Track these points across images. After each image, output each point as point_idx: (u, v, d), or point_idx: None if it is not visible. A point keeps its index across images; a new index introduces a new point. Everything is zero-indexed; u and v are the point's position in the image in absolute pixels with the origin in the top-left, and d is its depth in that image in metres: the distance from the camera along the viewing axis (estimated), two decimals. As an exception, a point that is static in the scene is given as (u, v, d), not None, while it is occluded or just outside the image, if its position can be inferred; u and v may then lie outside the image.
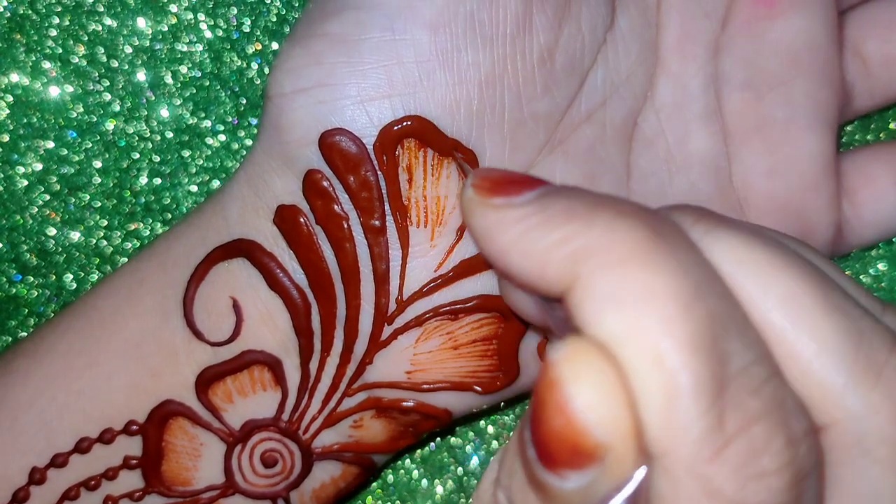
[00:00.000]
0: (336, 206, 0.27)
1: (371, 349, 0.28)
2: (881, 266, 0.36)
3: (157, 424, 0.29)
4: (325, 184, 0.27)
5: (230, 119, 0.36)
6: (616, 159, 0.30)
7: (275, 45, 0.36)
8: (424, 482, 0.37)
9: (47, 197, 0.36)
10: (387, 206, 0.27)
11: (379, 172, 0.27)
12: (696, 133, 0.31)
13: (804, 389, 0.18)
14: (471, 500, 0.36)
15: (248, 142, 0.37)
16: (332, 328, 0.28)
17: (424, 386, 0.29)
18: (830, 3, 0.31)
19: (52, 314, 0.37)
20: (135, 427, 0.29)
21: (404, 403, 0.29)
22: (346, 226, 0.27)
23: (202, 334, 0.29)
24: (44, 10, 0.36)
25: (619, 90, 0.30)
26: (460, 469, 0.37)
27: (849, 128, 0.36)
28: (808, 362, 0.18)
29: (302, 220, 0.28)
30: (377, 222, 0.27)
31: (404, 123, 0.26)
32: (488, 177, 0.21)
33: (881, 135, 0.36)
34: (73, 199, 0.36)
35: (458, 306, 0.28)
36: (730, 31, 0.31)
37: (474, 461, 0.37)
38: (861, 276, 0.36)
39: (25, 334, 0.37)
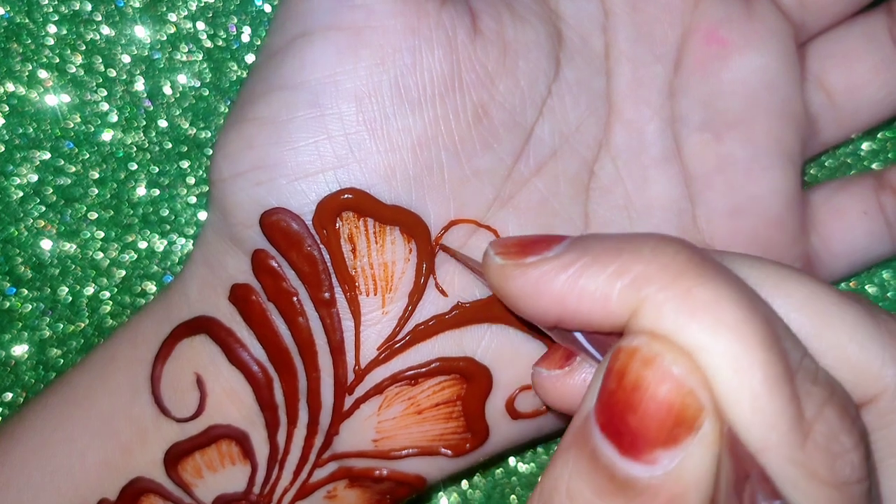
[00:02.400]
0: (284, 283, 0.28)
1: (335, 420, 0.28)
2: (885, 275, 0.36)
3: (129, 502, 0.29)
4: (272, 262, 0.28)
5: (230, 129, 0.36)
6: (572, 210, 0.30)
7: (275, 55, 0.36)
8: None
9: (43, 208, 0.36)
10: (334, 278, 0.27)
11: (321, 246, 0.27)
12: (655, 178, 0.31)
13: (842, 374, 0.20)
14: None
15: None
16: (296, 401, 0.29)
17: (392, 453, 0.29)
18: (788, 37, 0.31)
19: (47, 328, 0.36)
20: None
21: (376, 472, 0.29)
22: (296, 301, 0.28)
23: (169, 411, 0.29)
24: (41, 19, 0.35)
25: (569, 141, 0.30)
26: (465, 483, 0.37)
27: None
28: (843, 349, 0.20)
29: (254, 297, 0.28)
30: (326, 295, 0.27)
31: (342, 196, 0.27)
32: (510, 242, 0.22)
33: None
34: (69, 211, 0.36)
35: (416, 371, 0.28)
36: (683, 74, 0.31)
37: (476, 475, 0.37)
38: (866, 286, 0.36)
39: (18, 348, 0.36)
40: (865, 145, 0.36)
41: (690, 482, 0.18)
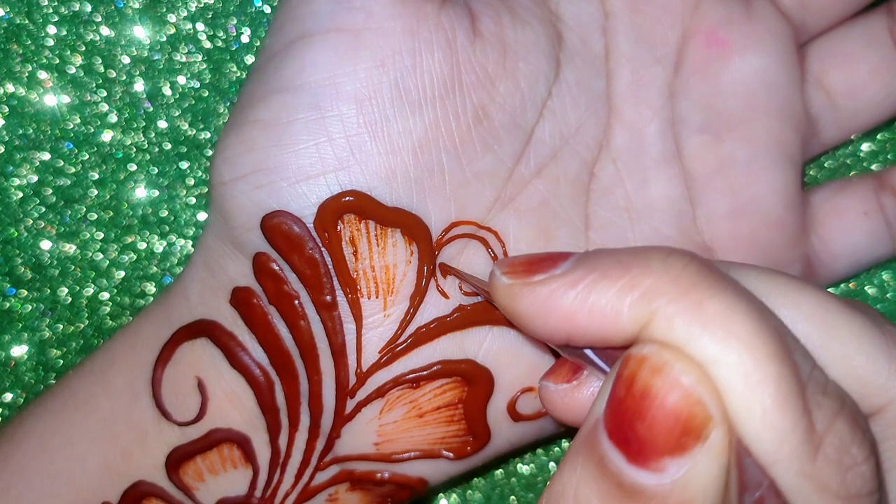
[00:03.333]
0: (286, 286, 0.28)
1: (337, 423, 0.28)
2: (885, 276, 0.36)
3: None
4: (274, 265, 0.27)
5: (229, 130, 0.36)
6: (572, 211, 0.30)
7: (275, 56, 0.36)
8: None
9: (42, 209, 0.36)
10: (336, 281, 0.27)
11: (322, 249, 0.27)
12: (655, 179, 0.31)
13: (849, 385, 0.20)
14: None
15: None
16: (298, 404, 0.29)
17: (394, 456, 0.29)
18: (788, 38, 0.31)
19: (46, 329, 0.36)
20: None
21: (378, 475, 0.29)
22: (297, 304, 0.28)
23: (170, 414, 0.29)
24: (41, 20, 0.35)
25: (569, 142, 0.30)
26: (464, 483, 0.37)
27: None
28: (850, 359, 0.20)
29: (255, 301, 0.28)
30: (328, 298, 0.27)
31: (343, 199, 0.27)
32: (517, 262, 0.22)
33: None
34: (69, 212, 0.36)
35: (418, 374, 0.28)
36: (684, 75, 0.31)
37: (476, 476, 0.37)
38: (866, 287, 0.36)
39: (17, 348, 0.36)
40: (865, 146, 0.36)
41: (698, 491, 0.18)
